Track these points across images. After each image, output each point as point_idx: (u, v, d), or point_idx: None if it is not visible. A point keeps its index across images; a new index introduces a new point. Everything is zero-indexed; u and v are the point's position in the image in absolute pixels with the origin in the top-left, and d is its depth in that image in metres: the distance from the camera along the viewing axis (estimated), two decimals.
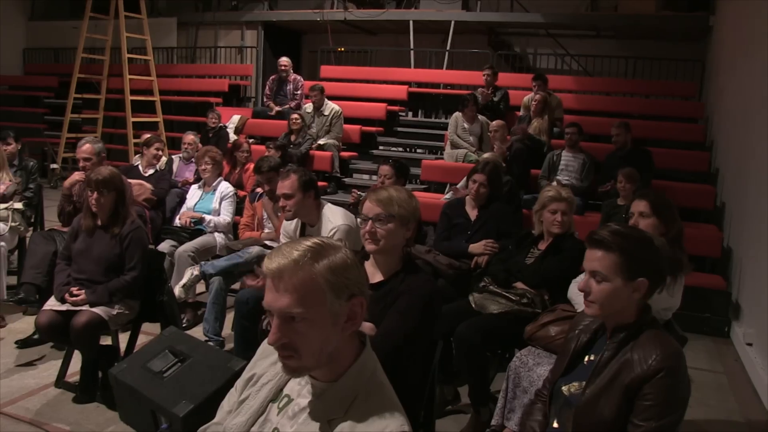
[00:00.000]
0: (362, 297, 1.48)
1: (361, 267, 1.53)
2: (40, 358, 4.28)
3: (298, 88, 9.76)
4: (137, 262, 3.79)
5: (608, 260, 2.00)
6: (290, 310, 1.41)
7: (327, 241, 1.49)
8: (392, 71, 10.94)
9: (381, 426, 1.41)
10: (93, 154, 4.89)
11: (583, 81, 10.36)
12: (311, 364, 1.46)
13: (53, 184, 10.79)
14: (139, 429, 3.39)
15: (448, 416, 3.73)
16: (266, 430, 1.57)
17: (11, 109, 12.71)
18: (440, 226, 4.64)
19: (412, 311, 2.48)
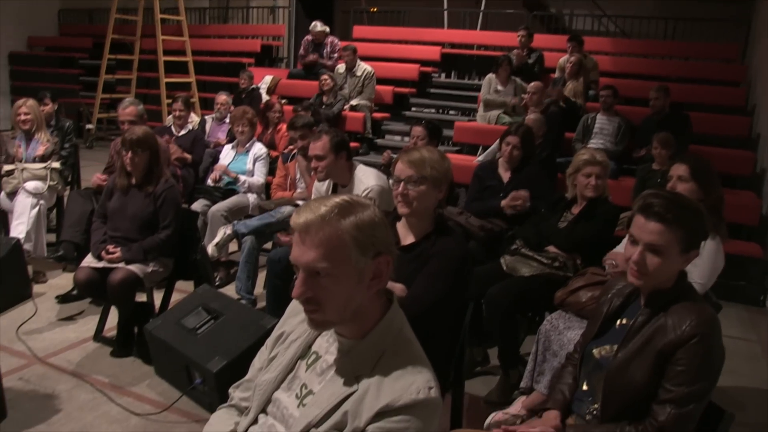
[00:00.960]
0: (389, 256, 1.47)
1: (390, 226, 1.52)
2: (79, 313, 4.40)
3: (335, 51, 9.68)
4: (171, 221, 3.84)
5: (669, 235, 1.92)
6: (315, 264, 1.41)
7: (356, 199, 1.49)
8: (425, 32, 10.79)
9: (408, 382, 1.42)
10: (137, 116, 4.95)
11: (620, 43, 10.11)
12: (335, 319, 1.48)
13: (88, 144, 10.93)
14: (173, 383, 3.48)
15: (477, 377, 3.75)
16: (295, 386, 1.59)
17: (47, 70, 12.86)
18: (472, 188, 4.62)
19: (444, 273, 2.48)
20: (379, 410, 1.40)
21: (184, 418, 3.20)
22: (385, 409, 1.40)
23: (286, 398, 1.59)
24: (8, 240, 4.60)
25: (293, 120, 5.03)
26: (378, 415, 1.40)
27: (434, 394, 1.43)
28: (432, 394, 1.42)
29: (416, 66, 9.82)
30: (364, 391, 1.44)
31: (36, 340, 3.97)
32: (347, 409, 1.44)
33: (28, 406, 3.24)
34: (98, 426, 3.10)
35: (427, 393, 1.42)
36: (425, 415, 1.42)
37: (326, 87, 8.29)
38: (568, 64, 7.61)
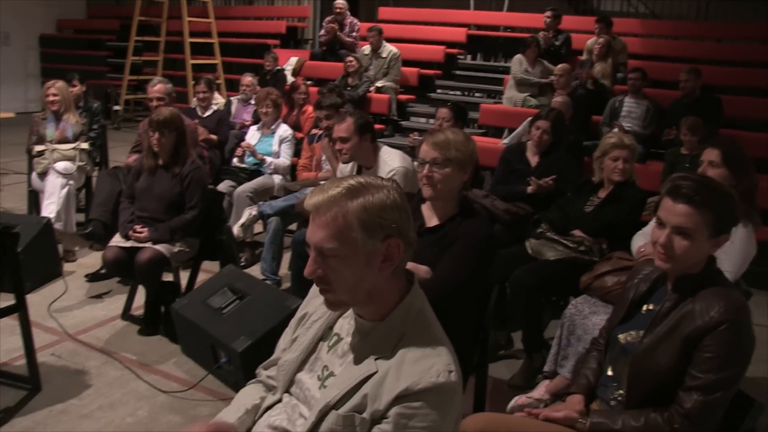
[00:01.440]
0: (399, 239, 1.46)
1: (408, 209, 1.50)
2: (108, 292, 4.47)
3: (354, 31, 9.65)
4: (197, 201, 3.87)
5: (698, 217, 1.88)
6: (322, 244, 1.43)
7: (370, 181, 1.48)
8: (451, 13, 10.68)
9: (427, 365, 1.42)
10: (165, 94, 4.99)
11: (650, 24, 9.91)
12: (347, 299, 1.49)
13: (116, 125, 11.03)
14: (199, 362, 3.53)
15: (501, 361, 3.75)
16: (317, 368, 1.60)
17: (76, 52, 12.98)
18: (499, 171, 4.59)
19: (468, 255, 2.48)
20: (399, 394, 1.40)
21: (209, 396, 3.24)
22: (404, 392, 1.39)
23: (309, 379, 1.61)
24: (39, 219, 4.68)
25: (320, 99, 5.05)
26: (397, 398, 1.40)
27: (454, 377, 1.42)
28: (452, 378, 1.42)
29: (442, 48, 9.76)
30: (384, 373, 1.44)
31: (66, 318, 4.04)
32: (367, 392, 1.44)
33: (60, 381, 3.31)
34: (126, 402, 3.15)
35: (447, 376, 1.41)
36: (444, 398, 1.41)
37: (351, 69, 8.27)
38: (596, 46, 7.51)
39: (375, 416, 1.43)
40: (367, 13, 11.83)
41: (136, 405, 3.14)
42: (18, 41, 13.13)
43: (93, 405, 3.12)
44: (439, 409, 1.40)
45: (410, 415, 1.39)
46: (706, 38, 9.43)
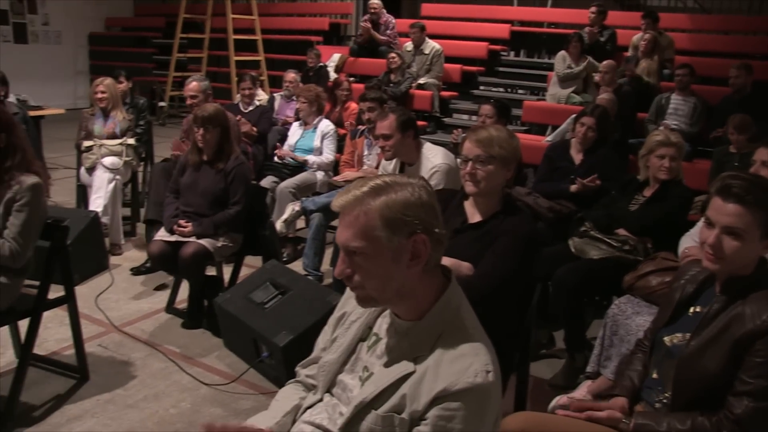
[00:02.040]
0: (425, 235, 1.44)
1: (431, 206, 1.48)
2: (152, 285, 4.55)
3: (389, 29, 9.64)
4: (241, 197, 3.91)
5: (749, 217, 1.84)
6: (348, 243, 1.44)
7: (395, 179, 1.48)
8: (495, 9, 10.58)
9: (465, 365, 1.40)
10: (199, 92, 5.05)
11: (699, 19, 9.68)
12: (377, 297, 1.48)
13: (161, 121, 11.22)
14: (241, 356, 3.56)
15: (542, 360, 3.71)
16: (358, 368, 1.60)
17: (123, 49, 13.25)
18: (542, 169, 4.54)
19: (511, 253, 2.46)
20: (437, 394, 1.39)
21: (251, 390, 3.27)
22: (442, 393, 1.38)
23: (350, 380, 1.61)
24: (87, 213, 4.79)
25: (365, 91, 5.05)
26: (435, 399, 1.39)
27: (492, 377, 1.41)
28: (489, 378, 1.40)
29: (485, 44, 9.67)
30: (422, 373, 1.44)
31: (113, 310, 4.13)
32: (405, 392, 1.44)
33: (106, 371, 3.39)
34: (170, 393, 3.21)
35: (485, 376, 1.39)
36: (483, 399, 1.40)
37: (394, 65, 8.26)
38: (642, 42, 7.37)
39: (414, 417, 1.43)
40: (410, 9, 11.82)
41: (179, 397, 3.19)
42: (68, 40, 13.47)
43: (138, 395, 3.18)
44: (477, 410, 1.39)
45: (449, 417, 1.38)
46: (757, 32, 9.19)
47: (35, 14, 12.92)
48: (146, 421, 2.97)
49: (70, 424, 2.93)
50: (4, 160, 2.85)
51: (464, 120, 8.93)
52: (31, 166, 2.94)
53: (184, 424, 2.97)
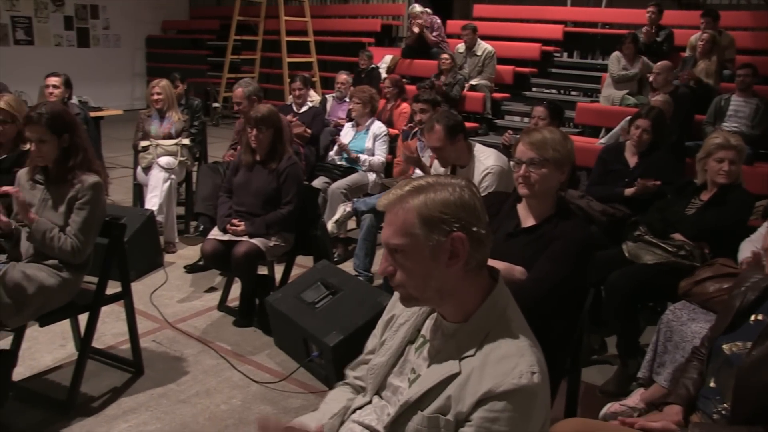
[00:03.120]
0: (463, 233, 1.44)
1: (472, 206, 1.46)
2: (205, 284, 4.62)
3: (435, 30, 9.61)
4: (293, 197, 3.94)
5: None
6: (389, 240, 1.46)
7: (438, 179, 1.49)
8: (548, 10, 10.46)
9: (510, 366, 1.39)
10: (243, 98, 5.11)
11: (763, 16, 9.33)
12: (418, 296, 1.49)
13: (214, 122, 11.41)
14: (291, 354, 3.60)
15: (594, 366, 3.65)
16: (406, 370, 1.60)
17: (179, 51, 13.56)
18: (595, 171, 4.47)
19: (565, 257, 2.42)
20: (481, 396, 1.38)
21: (300, 389, 3.30)
22: (486, 395, 1.38)
23: (399, 383, 1.61)
24: (143, 211, 4.90)
25: (418, 93, 5.05)
26: (480, 401, 1.38)
27: (537, 379, 1.39)
28: (534, 379, 1.38)
29: (538, 45, 9.58)
30: (467, 375, 1.43)
31: (167, 306, 4.22)
32: (450, 394, 1.44)
33: (160, 367, 3.46)
34: (221, 390, 3.26)
35: (530, 378, 1.38)
36: (528, 401, 1.38)
37: (445, 66, 8.24)
38: (700, 42, 7.17)
39: (459, 418, 1.42)
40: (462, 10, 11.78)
41: (230, 393, 3.23)
42: (127, 42, 13.86)
43: (190, 391, 3.24)
44: (522, 412, 1.38)
45: (493, 419, 1.37)
46: None
47: (97, 19, 13.34)
48: (198, 417, 3.03)
49: (126, 416, 3.01)
50: (67, 160, 2.95)
51: (516, 122, 8.86)
52: (92, 166, 3.04)
53: (234, 420, 3.01)
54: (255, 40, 11.77)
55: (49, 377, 3.34)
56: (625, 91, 7.48)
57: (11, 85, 7.46)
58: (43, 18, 12.52)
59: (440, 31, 9.65)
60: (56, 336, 3.68)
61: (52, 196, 2.98)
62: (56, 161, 2.95)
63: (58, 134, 2.91)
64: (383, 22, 11.86)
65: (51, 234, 2.89)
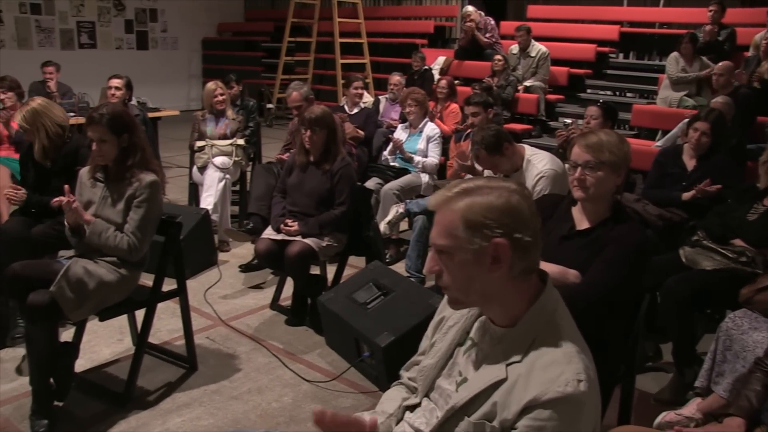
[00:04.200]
0: (506, 240, 1.40)
1: (518, 212, 1.43)
2: (258, 282, 4.68)
3: (488, 31, 9.54)
4: (346, 198, 3.96)
5: None
6: (435, 241, 1.46)
7: (488, 182, 1.46)
8: (603, 10, 10.28)
9: (555, 373, 1.36)
10: (301, 101, 5.17)
11: None
12: (462, 298, 1.48)
13: (268, 122, 11.56)
14: (342, 354, 3.61)
15: (648, 373, 3.57)
16: (454, 373, 1.59)
17: (233, 53, 13.78)
18: (652, 175, 4.37)
19: (620, 261, 2.38)
20: (526, 404, 1.36)
21: (351, 389, 3.32)
22: (532, 403, 1.35)
23: (447, 385, 1.60)
24: (198, 210, 5.00)
25: (470, 96, 5.03)
26: (525, 409, 1.36)
27: (583, 387, 1.35)
28: (581, 388, 1.34)
29: (593, 46, 9.43)
30: (514, 381, 1.41)
31: (220, 304, 4.29)
32: (496, 400, 1.42)
33: (213, 363, 3.52)
34: (272, 388, 3.30)
35: (576, 386, 1.34)
36: (574, 409, 1.35)
37: (497, 68, 8.19)
38: (764, 41, 6.93)
39: (504, 426, 1.40)
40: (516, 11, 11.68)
41: (282, 391, 3.27)
42: (184, 45, 14.17)
43: (242, 388, 3.29)
44: (568, 421, 1.34)
45: (538, 427, 1.34)
46: None
47: (155, 22, 13.69)
48: (249, 413, 3.07)
49: (180, 410, 3.07)
50: (126, 159, 3.03)
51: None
52: (149, 165, 3.11)
53: (285, 418, 3.05)
54: (309, 42, 11.90)
55: (108, 370, 3.44)
56: (684, 92, 7.31)
57: (75, 87, 7.74)
58: (105, 22, 12.91)
59: (494, 32, 9.59)
60: (114, 330, 3.78)
61: (111, 194, 3.06)
62: (116, 160, 3.04)
63: (117, 134, 3.00)
64: (436, 24, 11.83)
65: (107, 234, 2.98)
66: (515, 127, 7.94)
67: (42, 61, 7.95)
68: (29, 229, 3.65)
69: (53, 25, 12.19)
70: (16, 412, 3.01)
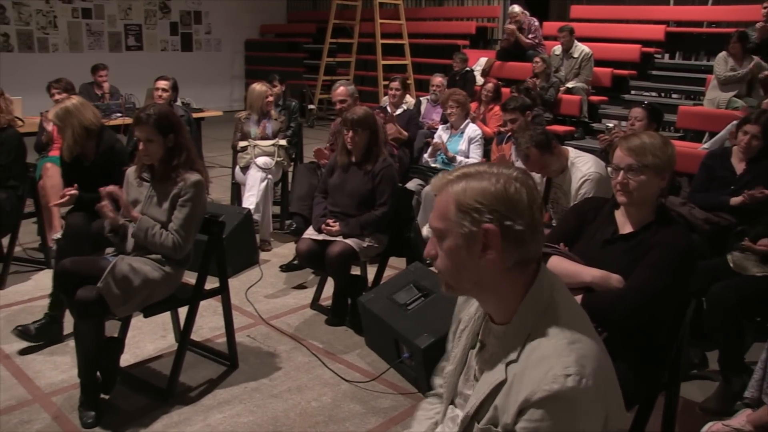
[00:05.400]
0: (496, 227, 1.35)
1: (515, 201, 1.37)
2: (299, 282, 4.71)
3: (531, 32, 9.46)
4: (387, 199, 3.97)
5: None
6: (431, 224, 1.45)
7: (488, 168, 1.43)
8: (649, 9, 10.10)
9: (545, 369, 1.29)
10: (347, 96, 5.19)
11: None
12: (454, 284, 1.44)
13: (310, 123, 11.64)
14: (382, 355, 3.61)
15: (693, 381, 3.49)
16: (470, 376, 1.57)
17: (276, 54, 13.92)
18: (699, 178, 4.28)
19: (665, 267, 2.32)
20: (521, 405, 1.30)
21: (390, 390, 3.31)
22: (524, 404, 1.30)
23: (467, 390, 1.58)
24: (240, 210, 5.05)
25: (507, 101, 5.00)
26: (521, 411, 1.31)
27: (572, 382, 1.26)
28: (569, 383, 1.26)
29: (637, 46, 9.27)
30: (511, 382, 1.37)
31: (261, 303, 4.33)
32: (497, 404, 1.38)
33: (254, 361, 3.56)
34: (312, 387, 3.31)
35: (563, 382, 1.26)
36: (565, 408, 1.27)
37: (538, 69, 8.12)
38: None
39: (507, 430, 1.35)
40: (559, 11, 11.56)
41: (321, 391, 3.28)
42: (227, 46, 14.38)
43: (282, 386, 3.31)
44: (563, 420, 1.28)
45: (533, 429, 1.29)
46: None
47: (200, 24, 13.91)
48: (289, 412, 3.09)
49: (221, 407, 3.11)
50: (172, 159, 3.08)
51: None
52: (194, 165, 3.17)
53: (324, 417, 3.06)
54: (350, 43, 11.95)
55: (151, 365, 3.50)
56: (733, 93, 7.14)
57: (122, 88, 7.90)
58: (151, 25, 13.19)
59: (537, 33, 9.51)
60: (158, 327, 3.85)
61: (157, 194, 3.12)
62: (161, 160, 3.09)
63: (164, 134, 3.05)
64: (478, 24, 11.77)
65: (153, 231, 3.03)
66: (557, 129, 7.87)
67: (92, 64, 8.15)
68: (90, 224, 3.76)
69: (102, 29, 12.52)
70: (67, 403, 3.10)
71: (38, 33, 11.78)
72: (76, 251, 3.48)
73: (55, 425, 2.94)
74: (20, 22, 11.56)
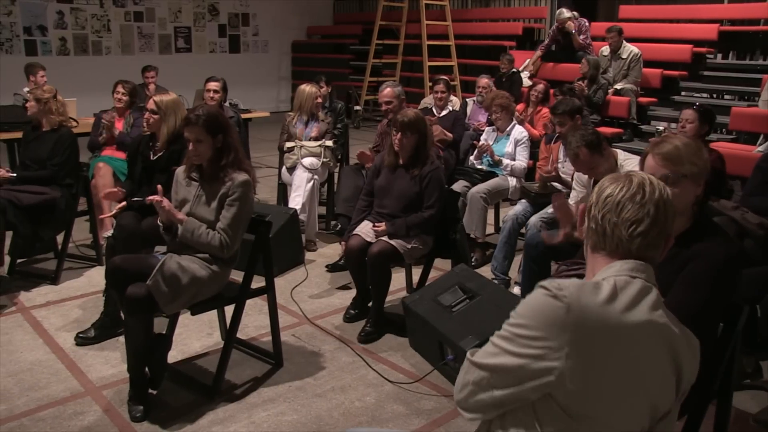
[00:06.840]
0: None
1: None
2: (344, 282, 4.72)
3: (582, 33, 9.32)
4: (435, 201, 3.93)
5: None
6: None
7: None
8: (701, 8, 9.84)
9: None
10: (394, 97, 5.19)
11: None
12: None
13: (356, 124, 11.68)
14: (426, 356, 3.60)
15: (745, 391, 3.39)
16: None
17: (322, 56, 14.02)
18: (752, 181, 4.15)
19: (704, 279, 2.18)
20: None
21: (433, 391, 3.31)
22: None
23: None
24: (287, 210, 5.09)
25: (556, 105, 4.94)
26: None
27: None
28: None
29: (689, 46, 9.04)
30: None
31: (306, 302, 4.36)
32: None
33: (299, 360, 3.58)
34: (355, 387, 3.32)
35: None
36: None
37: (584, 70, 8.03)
38: None
39: None
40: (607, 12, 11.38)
41: (365, 391, 3.29)
42: (274, 48, 14.54)
43: (326, 386, 3.33)
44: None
45: None
46: None
47: (247, 26, 14.11)
48: (332, 411, 3.11)
49: (265, 405, 3.14)
50: (221, 159, 3.13)
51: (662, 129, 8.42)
52: (242, 165, 3.21)
53: (367, 417, 3.06)
54: (396, 44, 11.96)
55: (198, 362, 3.56)
56: None
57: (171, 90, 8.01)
58: (200, 27, 13.42)
59: (587, 34, 9.37)
60: (204, 325, 3.91)
61: (205, 193, 3.17)
62: (210, 160, 3.14)
63: (213, 135, 3.10)
64: (525, 25, 11.65)
65: (199, 231, 3.08)
66: (606, 131, 7.73)
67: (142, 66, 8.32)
68: (140, 223, 3.84)
69: (153, 31, 12.78)
70: (117, 397, 3.18)
71: (92, 36, 12.09)
72: (126, 249, 3.57)
73: (105, 418, 3.01)
74: (76, 26, 11.89)
